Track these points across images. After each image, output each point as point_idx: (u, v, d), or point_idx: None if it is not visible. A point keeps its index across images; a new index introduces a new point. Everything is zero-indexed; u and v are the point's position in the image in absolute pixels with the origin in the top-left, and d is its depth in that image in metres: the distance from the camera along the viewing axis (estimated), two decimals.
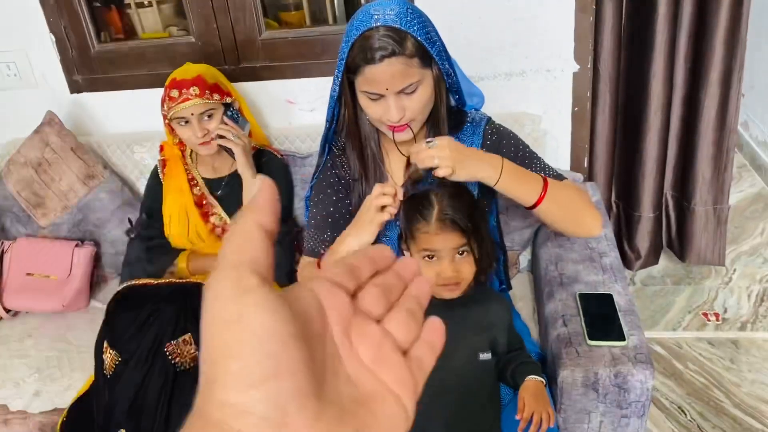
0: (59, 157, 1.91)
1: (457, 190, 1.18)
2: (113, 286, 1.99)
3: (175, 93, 1.60)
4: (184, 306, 1.42)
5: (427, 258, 1.17)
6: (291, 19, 2.03)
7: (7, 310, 1.88)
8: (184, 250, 1.76)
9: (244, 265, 0.27)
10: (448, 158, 1.13)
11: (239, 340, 0.25)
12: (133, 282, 1.57)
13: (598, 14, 1.75)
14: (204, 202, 1.75)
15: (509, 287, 1.59)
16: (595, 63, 1.81)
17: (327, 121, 1.37)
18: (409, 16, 1.16)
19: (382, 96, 1.18)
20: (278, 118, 2.01)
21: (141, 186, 2.02)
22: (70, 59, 2.01)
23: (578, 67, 1.79)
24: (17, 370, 1.69)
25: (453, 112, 1.36)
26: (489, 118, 1.38)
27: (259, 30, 1.90)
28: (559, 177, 1.35)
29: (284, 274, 1.72)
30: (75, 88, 2.06)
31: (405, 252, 1.23)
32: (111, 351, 1.41)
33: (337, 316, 0.30)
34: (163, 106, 1.65)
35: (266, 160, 1.77)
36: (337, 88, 1.28)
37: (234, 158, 1.68)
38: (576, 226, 1.36)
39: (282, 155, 1.83)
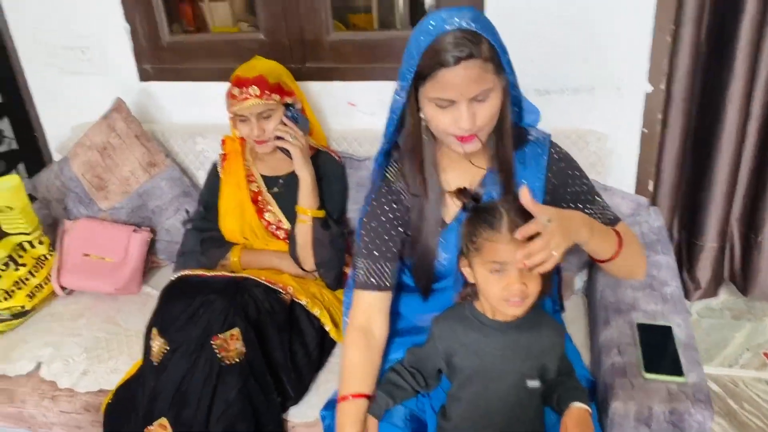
0: (124, 143, 1.95)
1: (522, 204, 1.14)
2: (165, 273, 2.02)
3: (236, 91, 1.62)
4: (234, 300, 1.42)
5: (494, 271, 1.13)
6: (359, 21, 2.03)
7: (63, 288, 1.94)
8: (236, 244, 1.77)
9: None
10: (561, 240, 1.07)
11: None
12: (186, 272, 1.59)
13: (676, 35, 1.69)
14: (260, 198, 1.76)
15: (562, 309, 1.54)
16: (669, 85, 1.74)
17: (385, 137, 1.33)
18: (482, 21, 1.13)
19: (452, 103, 1.14)
20: (338, 120, 2.01)
21: (200, 177, 2.05)
22: (141, 48, 2.06)
23: (651, 87, 1.73)
24: (68, 347, 1.73)
25: (514, 126, 1.32)
26: (550, 138, 1.33)
27: (327, 31, 1.90)
28: (616, 219, 1.36)
29: (334, 276, 1.72)
30: (144, 76, 2.11)
31: (464, 271, 1.19)
32: (160, 338, 1.42)
33: None
34: (226, 101, 1.66)
35: (324, 162, 1.76)
36: (401, 99, 1.24)
37: (291, 158, 1.68)
38: (626, 275, 1.46)
39: (339, 157, 1.83)
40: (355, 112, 2.00)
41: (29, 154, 3.52)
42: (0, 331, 1.80)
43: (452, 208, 1.32)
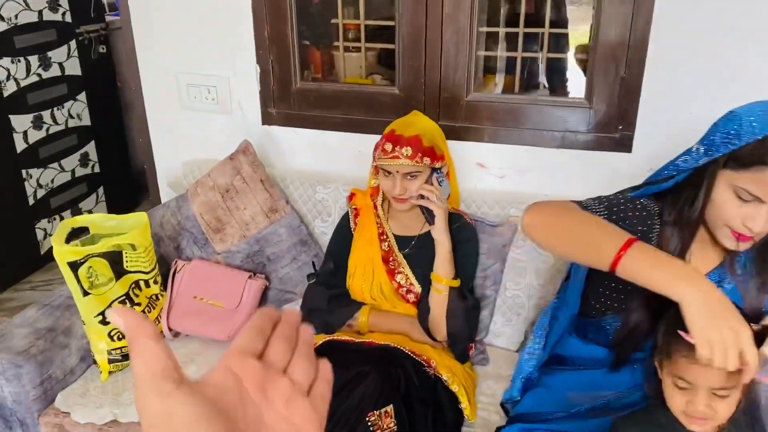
0: (248, 186, 1.91)
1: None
2: None
3: (388, 146, 1.57)
4: (389, 374, 1.34)
5: (680, 387, 1.04)
6: (493, 83, 1.98)
7: (170, 330, 1.88)
8: (363, 303, 1.70)
9: (157, 376, 0.35)
10: None
11: (176, 429, 0.34)
12: (333, 337, 1.52)
13: None
14: (391, 258, 1.69)
15: None
16: None
17: (659, 186, 1.24)
18: None
19: (757, 201, 1.07)
20: (466, 180, 1.94)
21: (316, 226, 1.99)
22: (269, 92, 2.04)
23: None
24: None
25: None
26: None
27: (466, 91, 1.86)
28: None
29: (462, 350, 1.64)
30: (267, 119, 2.08)
31: (656, 365, 1.10)
32: None
33: (251, 381, 0.38)
34: (375, 150, 1.62)
35: (458, 226, 1.69)
36: (692, 162, 1.16)
37: (426, 219, 1.62)
38: None
39: (471, 220, 1.76)
40: (484, 174, 1.94)
41: (116, 178, 3.55)
42: (110, 372, 1.74)
43: None
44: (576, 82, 1.88)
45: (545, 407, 1.39)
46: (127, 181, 3.65)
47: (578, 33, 1.89)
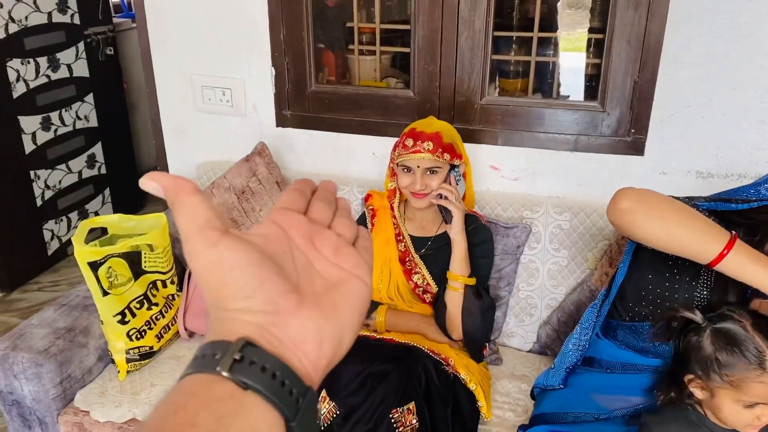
0: (263, 188, 1.93)
1: None
2: None
3: (410, 142, 1.59)
4: (410, 372, 1.36)
5: (747, 407, 1.05)
6: (509, 86, 2.01)
7: (186, 330, 1.89)
8: (380, 303, 1.72)
9: (203, 227, 0.36)
10: None
11: (228, 273, 0.35)
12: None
13: None
14: (408, 258, 1.71)
15: None
16: None
17: (732, 203, 1.21)
18: None
19: None
20: (480, 182, 1.97)
21: None
22: (284, 94, 2.06)
23: None
24: None
25: None
26: None
27: (481, 94, 1.88)
28: None
29: (477, 348, 1.66)
30: (281, 122, 2.10)
31: (694, 390, 1.11)
32: (329, 402, 1.36)
33: (297, 232, 0.40)
34: (395, 150, 1.64)
35: (474, 228, 1.71)
36: None
37: (444, 219, 1.64)
38: None
39: (486, 222, 1.78)
40: (496, 176, 1.96)
41: (122, 179, 3.56)
42: (127, 371, 1.76)
43: None
44: (590, 86, 1.90)
45: (571, 408, 1.40)
46: (133, 183, 3.66)
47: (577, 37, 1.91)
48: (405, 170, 1.63)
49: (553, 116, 1.86)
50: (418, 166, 1.60)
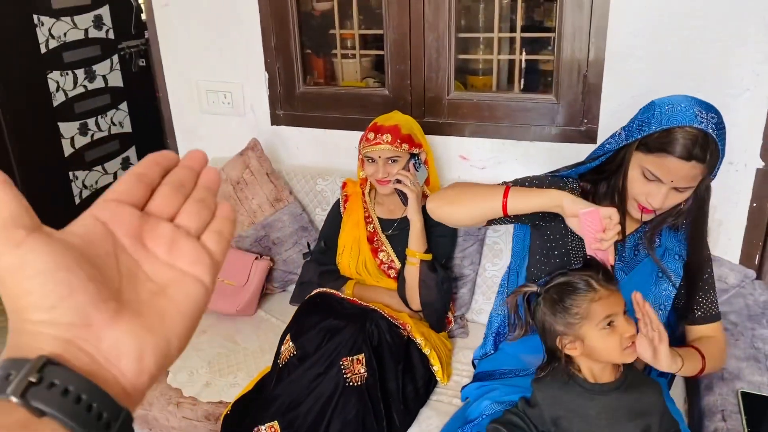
0: (255, 179, 2.16)
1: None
2: (278, 300, 2.20)
3: (371, 135, 1.79)
4: (363, 328, 1.56)
5: (607, 327, 1.21)
6: (477, 83, 2.18)
7: None
8: (351, 278, 1.92)
9: (6, 224, 0.32)
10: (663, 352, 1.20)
11: (29, 279, 0.31)
12: (324, 290, 1.76)
13: None
14: (375, 238, 1.91)
15: (670, 382, 1.56)
16: None
17: (587, 165, 1.44)
18: (722, 129, 1.25)
19: (659, 182, 1.26)
20: (450, 171, 2.15)
21: (317, 214, 2.22)
22: (276, 95, 2.29)
23: (763, 164, 1.78)
24: (192, 360, 1.91)
25: None
26: None
27: (447, 90, 2.06)
28: (717, 316, 1.46)
29: (436, 318, 1.83)
30: (275, 120, 2.33)
31: (570, 351, 1.26)
32: (290, 343, 1.58)
33: (123, 230, 0.35)
34: (360, 143, 1.84)
35: None
36: (616, 144, 1.35)
37: (402, 201, 1.82)
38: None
39: None
40: (466, 166, 2.14)
41: None
42: None
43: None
44: (546, 81, 2.06)
45: (501, 366, 1.58)
46: None
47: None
48: (369, 161, 1.82)
49: (513, 109, 2.03)
50: (380, 157, 1.79)
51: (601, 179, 1.42)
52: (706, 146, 1.21)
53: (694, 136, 1.21)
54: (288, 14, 2.16)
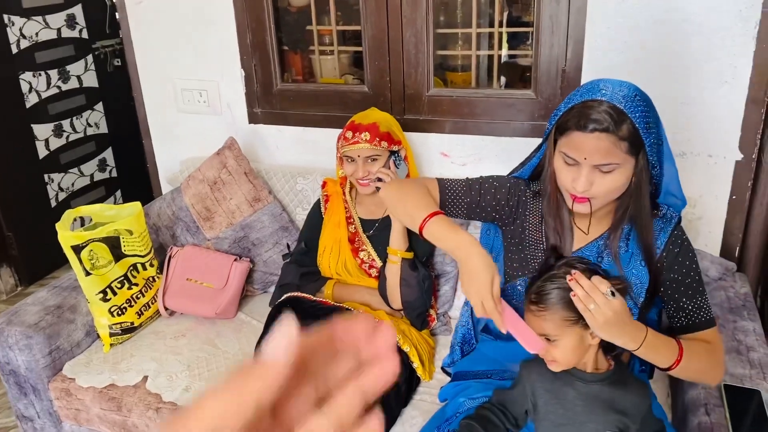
0: (233, 178, 2.12)
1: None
2: (258, 302, 2.16)
3: (349, 134, 1.76)
4: None
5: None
6: (456, 79, 2.16)
7: (166, 309, 2.09)
8: (331, 278, 1.89)
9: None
10: (603, 316, 1.12)
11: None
12: (296, 294, 1.72)
13: None
14: (357, 238, 1.88)
15: (650, 376, 1.55)
16: (760, 154, 1.79)
17: (528, 165, 1.44)
18: (635, 101, 1.19)
19: (577, 163, 1.22)
20: (431, 169, 2.13)
21: (297, 214, 2.19)
22: (253, 93, 2.25)
23: (742, 156, 1.78)
24: (171, 364, 1.87)
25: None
26: (679, 220, 1.35)
27: (427, 87, 2.04)
28: (709, 322, 1.32)
29: (417, 315, 1.81)
30: (253, 119, 2.29)
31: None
32: None
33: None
34: (338, 141, 1.81)
35: None
36: (543, 139, 1.34)
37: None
38: (693, 380, 1.39)
39: None
40: (447, 163, 2.12)
41: (132, 181, 3.80)
42: (111, 344, 1.96)
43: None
44: (525, 76, 2.05)
45: (476, 367, 1.56)
46: (142, 184, 3.90)
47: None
48: (348, 160, 1.80)
49: (493, 105, 2.01)
50: (359, 156, 1.76)
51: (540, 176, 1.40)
52: (612, 116, 1.16)
53: (598, 107, 1.17)
54: (264, 10, 2.13)
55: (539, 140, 1.95)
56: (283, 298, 1.72)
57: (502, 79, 2.09)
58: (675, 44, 1.75)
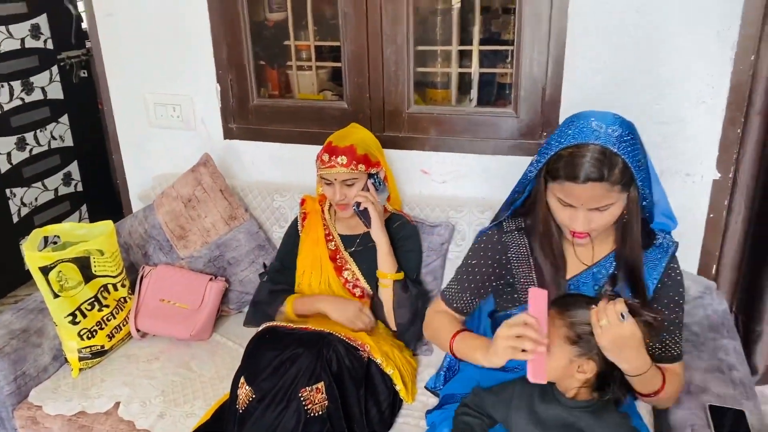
0: (208, 196, 2.07)
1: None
2: (234, 322, 2.11)
3: (326, 157, 1.72)
4: (320, 354, 1.49)
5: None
6: (436, 96, 2.16)
7: (138, 331, 2.02)
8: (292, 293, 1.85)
9: None
10: (611, 334, 1.12)
11: None
12: (274, 324, 1.67)
13: (744, 126, 1.77)
14: (338, 256, 1.85)
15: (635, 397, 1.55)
16: (736, 173, 1.82)
17: (515, 192, 1.42)
18: (627, 140, 1.19)
19: (573, 206, 1.23)
20: (411, 186, 2.11)
21: (274, 232, 2.15)
22: (229, 108, 2.20)
23: (719, 175, 1.81)
24: (144, 389, 1.80)
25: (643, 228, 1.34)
26: (674, 251, 1.36)
27: (407, 103, 2.02)
28: (678, 357, 1.37)
29: (414, 337, 1.79)
30: (229, 134, 2.24)
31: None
32: (246, 387, 1.49)
33: None
34: (317, 161, 1.77)
35: (399, 224, 1.85)
36: (534, 172, 1.32)
37: (364, 223, 1.76)
38: (653, 404, 1.44)
39: (412, 221, 1.91)
40: (427, 180, 2.10)
41: (98, 196, 3.70)
42: (80, 369, 1.88)
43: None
44: (505, 94, 2.05)
45: (464, 390, 1.54)
46: (109, 199, 3.80)
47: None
48: (326, 182, 1.76)
49: (473, 123, 2.00)
50: (335, 180, 1.73)
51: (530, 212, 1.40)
52: (603, 163, 1.16)
53: (590, 156, 1.17)
54: (240, 24, 2.09)
55: (518, 158, 1.97)
56: (261, 328, 1.67)
57: (473, 93, 2.08)
58: (654, 64, 1.77)
